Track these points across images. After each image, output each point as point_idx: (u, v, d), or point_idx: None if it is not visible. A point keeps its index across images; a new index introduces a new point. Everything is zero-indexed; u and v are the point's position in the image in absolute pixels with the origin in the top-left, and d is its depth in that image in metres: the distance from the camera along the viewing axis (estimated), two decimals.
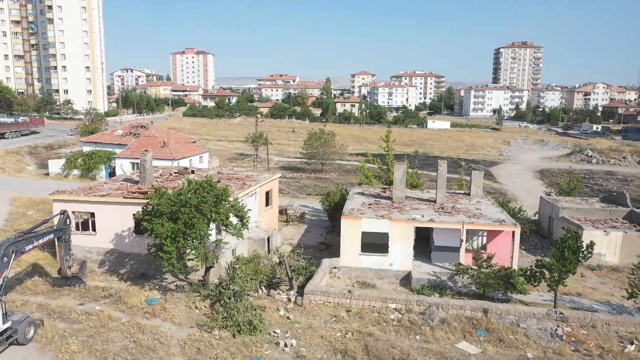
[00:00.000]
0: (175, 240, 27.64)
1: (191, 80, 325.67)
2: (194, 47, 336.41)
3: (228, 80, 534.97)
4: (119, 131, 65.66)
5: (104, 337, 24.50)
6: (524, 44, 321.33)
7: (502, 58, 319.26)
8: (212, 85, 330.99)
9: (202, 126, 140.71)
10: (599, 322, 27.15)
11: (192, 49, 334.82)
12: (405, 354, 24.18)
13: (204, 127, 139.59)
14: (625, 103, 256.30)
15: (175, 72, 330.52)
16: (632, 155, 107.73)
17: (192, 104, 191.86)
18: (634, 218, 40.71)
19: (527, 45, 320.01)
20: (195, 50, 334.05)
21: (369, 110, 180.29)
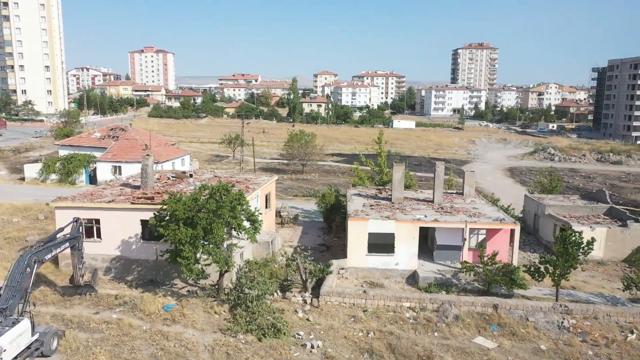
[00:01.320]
0: (193, 246, 27.59)
1: (150, 79, 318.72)
2: (153, 46, 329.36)
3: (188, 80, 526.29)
4: (97, 134, 64.05)
5: (129, 346, 24.27)
6: (480, 45, 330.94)
7: (460, 59, 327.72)
8: (172, 84, 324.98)
9: (170, 127, 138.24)
10: (600, 313, 28.88)
11: (151, 47, 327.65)
12: (427, 351, 25.06)
13: (172, 128, 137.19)
14: (576, 102, 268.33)
15: (134, 72, 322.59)
16: (591, 153, 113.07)
17: (156, 104, 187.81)
18: (613, 214, 43.16)
19: (484, 47, 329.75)
20: (155, 49, 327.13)
21: (335, 110, 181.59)
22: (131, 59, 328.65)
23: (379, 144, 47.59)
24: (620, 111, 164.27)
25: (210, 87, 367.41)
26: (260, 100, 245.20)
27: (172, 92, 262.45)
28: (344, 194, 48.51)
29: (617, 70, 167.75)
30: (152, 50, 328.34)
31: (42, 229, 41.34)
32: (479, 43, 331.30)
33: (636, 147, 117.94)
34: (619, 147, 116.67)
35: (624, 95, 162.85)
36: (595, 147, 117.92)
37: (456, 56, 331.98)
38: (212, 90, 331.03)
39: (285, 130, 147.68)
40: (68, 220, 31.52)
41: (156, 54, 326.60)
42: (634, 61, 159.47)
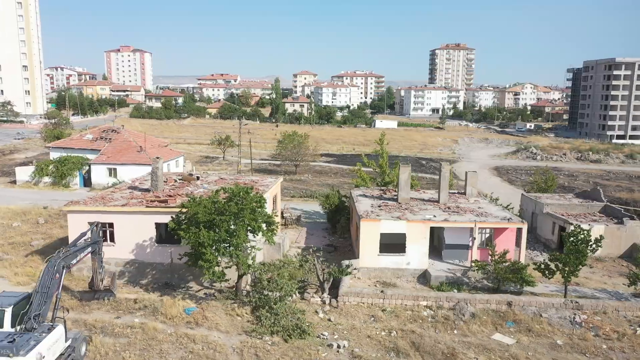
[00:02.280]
0: (215, 249, 27.68)
1: (128, 79, 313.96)
2: (130, 45, 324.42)
3: (166, 79, 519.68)
4: (89, 135, 63.13)
5: (157, 350, 24.27)
6: (457, 46, 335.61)
7: (437, 59, 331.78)
8: (150, 84, 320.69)
9: (153, 128, 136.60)
10: (609, 308, 29.96)
11: (127, 46, 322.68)
12: (450, 349, 25.69)
13: (155, 129, 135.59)
14: (551, 102, 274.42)
15: (111, 71, 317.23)
16: (571, 152, 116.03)
17: (137, 104, 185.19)
18: (608, 211, 44.64)
19: (461, 47, 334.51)
20: (132, 48, 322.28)
21: (318, 111, 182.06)
22: (107, 58, 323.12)
23: (380, 145, 48.11)
24: (595, 111, 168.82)
25: (188, 87, 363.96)
26: (240, 101, 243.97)
27: (151, 92, 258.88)
28: (344, 195, 49.03)
29: (592, 71, 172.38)
30: (129, 49, 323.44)
31: (45, 234, 40.72)
32: (456, 44, 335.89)
33: (613, 146, 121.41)
34: (598, 146, 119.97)
35: (599, 96, 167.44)
36: (575, 146, 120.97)
37: (434, 56, 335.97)
38: (191, 90, 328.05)
39: (270, 130, 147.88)
40: (81, 224, 31.43)
41: (133, 53, 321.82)
42: (608, 62, 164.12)
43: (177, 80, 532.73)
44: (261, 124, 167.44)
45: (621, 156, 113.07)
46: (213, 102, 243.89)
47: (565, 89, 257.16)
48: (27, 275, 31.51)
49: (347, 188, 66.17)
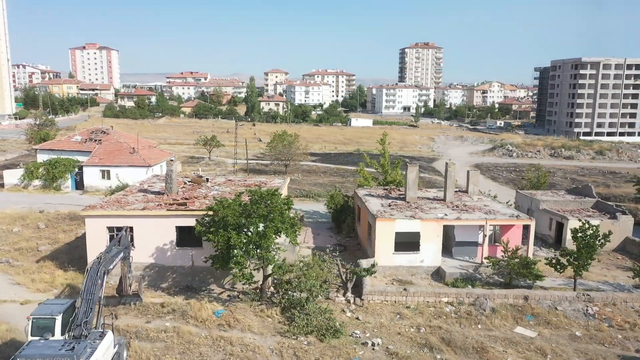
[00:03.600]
0: (246, 251, 27.85)
1: (94, 77, 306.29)
2: (96, 42, 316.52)
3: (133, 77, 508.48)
4: (77, 137, 61.72)
5: (196, 353, 24.35)
6: (426, 45, 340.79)
7: (407, 58, 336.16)
8: (117, 82, 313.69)
9: (129, 128, 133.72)
10: (618, 300, 31.55)
11: (93, 44, 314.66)
12: (479, 343, 26.65)
13: (131, 129, 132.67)
14: (517, 100, 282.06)
15: (76, 69, 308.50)
16: (545, 149, 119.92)
17: (109, 104, 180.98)
18: (600, 207, 46.68)
19: (429, 46, 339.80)
20: (98, 45, 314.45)
21: (294, 109, 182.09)
22: (72, 56, 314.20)
23: (382, 145, 48.90)
24: (563, 109, 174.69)
25: (156, 85, 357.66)
26: (212, 99, 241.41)
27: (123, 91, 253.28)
28: (345, 195, 49.66)
29: (560, 70, 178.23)
30: (95, 46, 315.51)
31: (49, 238, 39.87)
32: (425, 43, 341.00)
33: (583, 143, 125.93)
34: (569, 143, 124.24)
35: (566, 94, 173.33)
36: (548, 143, 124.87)
37: (403, 55, 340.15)
38: (159, 88, 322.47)
39: (248, 130, 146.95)
40: (99, 229, 31.17)
41: (99, 51, 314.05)
42: (574, 62, 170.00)
43: (145, 78, 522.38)
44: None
45: (591, 152, 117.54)
46: (184, 100, 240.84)
47: (533, 88, 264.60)
48: (45, 282, 30.93)
49: (340, 187, 66.89)
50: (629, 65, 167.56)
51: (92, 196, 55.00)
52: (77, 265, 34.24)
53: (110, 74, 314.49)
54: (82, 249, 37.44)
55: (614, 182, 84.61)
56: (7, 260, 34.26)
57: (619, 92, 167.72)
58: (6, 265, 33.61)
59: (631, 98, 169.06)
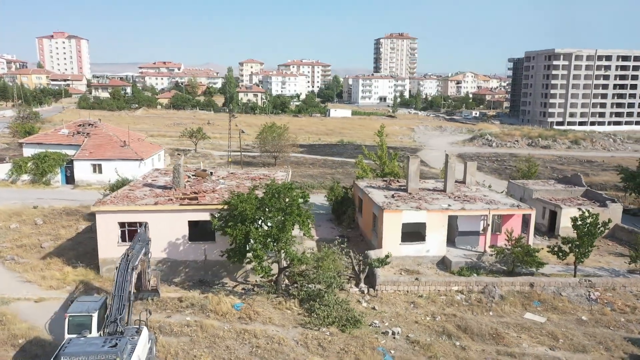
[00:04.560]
0: (264, 245, 28.09)
1: (63, 67, 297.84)
2: (64, 31, 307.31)
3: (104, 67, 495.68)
4: (65, 130, 60.37)
5: (223, 347, 24.56)
6: (400, 35, 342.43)
7: (382, 48, 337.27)
8: (88, 72, 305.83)
9: (106, 120, 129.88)
10: (617, 285, 33.00)
11: (62, 33, 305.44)
12: (494, 330, 27.61)
13: (109, 120, 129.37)
14: (491, 90, 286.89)
15: (44, 59, 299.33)
16: (522, 139, 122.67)
17: (83, 95, 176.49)
18: (590, 196, 48.37)
19: (404, 37, 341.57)
20: (66, 34, 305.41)
21: (273, 100, 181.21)
22: (40, 45, 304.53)
23: (380, 137, 49.45)
24: (536, 99, 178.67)
25: (128, 75, 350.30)
26: (187, 90, 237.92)
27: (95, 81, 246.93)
28: (344, 186, 50.13)
29: (533, 61, 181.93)
30: (63, 35, 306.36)
31: (50, 234, 39.22)
32: (400, 33, 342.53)
33: (559, 133, 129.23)
34: (545, 133, 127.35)
35: (540, 85, 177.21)
36: (525, 132, 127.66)
37: (378, 46, 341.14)
38: (131, 78, 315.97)
39: (227, 121, 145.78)
40: (111, 224, 30.99)
41: (68, 40, 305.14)
42: (547, 53, 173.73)
43: (115, 68, 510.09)
44: (216, 114, 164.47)
45: (567, 142, 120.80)
46: (157, 91, 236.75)
47: (505, 78, 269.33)
48: (57, 279, 30.54)
49: (331, 179, 67.38)
50: (599, 56, 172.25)
51: (83, 191, 54.15)
52: (85, 261, 33.89)
53: (80, 64, 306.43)
54: (86, 245, 37.14)
55: (592, 170, 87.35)
56: (12, 257, 33.62)
57: (590, 82, 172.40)
58: (12, 263, 32.99)
59: (601, 88, 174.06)
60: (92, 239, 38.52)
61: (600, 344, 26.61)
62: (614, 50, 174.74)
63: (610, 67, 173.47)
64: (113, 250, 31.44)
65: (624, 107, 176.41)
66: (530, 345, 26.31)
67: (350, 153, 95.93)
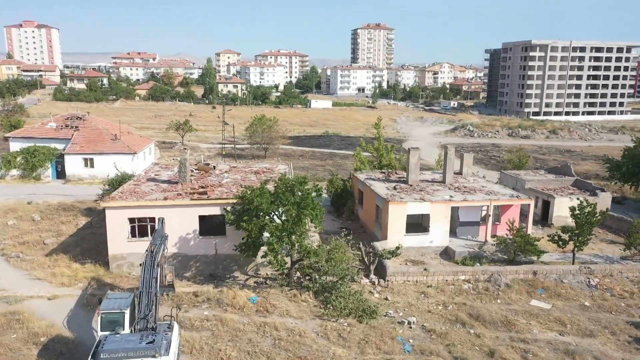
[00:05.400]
0: (279, 238, 28.34)
1: (34, 57, 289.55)
2: (34, 20, 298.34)
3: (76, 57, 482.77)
4: (52, 124, 59.11)
5: (245, 340, 24.79)
6: (377, 26, 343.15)
7: (359, 39, 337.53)
8: (59, 62, 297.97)
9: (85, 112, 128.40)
10: (614, 271, 34.34)
11: (31, 22, 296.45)
12: (504, 317, 28.54)
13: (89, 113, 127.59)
14: (467, 81, 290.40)
15: (13, 49, 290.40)
16: (503, 129, 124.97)
17: (58, 86, 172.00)
18: (579, 185, 49.88)
19: (381, 27, 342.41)
20: (36, 23, 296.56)
21: (253, 91, 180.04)
22: (8, 35, 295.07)
23: (377, 130, 49.92)
24: (514, 89, 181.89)
25: (100, 66, 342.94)
26: (163, 81, 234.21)
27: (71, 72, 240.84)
28: (342, 179, 50.53)
29: (510, 52, 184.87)
30: (33, 24, 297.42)
31: (51, 231, 38.65)
32: (377, 24, 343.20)
33: (538, 123, 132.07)
34: (525, 123, 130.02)
35: (517, 75, 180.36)
36: (505, 123, 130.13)
37: (355, 36, 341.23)
38: (106, 69, 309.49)
39: (210, 112, 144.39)
40: (120, 220, 30.91)
41: (38, 29, 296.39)
42: (524, 44, 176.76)
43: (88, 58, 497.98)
44: (196, 105, 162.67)
45: (545, 132, 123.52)
46: (132, 82, 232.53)
47: (481, 69, 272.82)
48: (67, 276, 30.23)
49: (322, 171, 67.80)
50: (574, 47, 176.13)
51: (75, 185, 53.35)
52: (91, 257, 33.63)
53: (51, 54, 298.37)
54: (89, 241, 36.79)
55: (572, 160, 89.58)
56: (17, 254, 33.10)
57: (565, 73, 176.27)
58: (18, 261, 32.48)
59: (576, 79, 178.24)
60: (93, 234, 38.32)
61: (605, 328, 27.77)
62: (587, 41, 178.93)
63: (584, 58, 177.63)
64: (123, 246, 31.33)
65: (597, 97, 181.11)
66: (540, 331, 27.31)
67: (337, 144, 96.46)
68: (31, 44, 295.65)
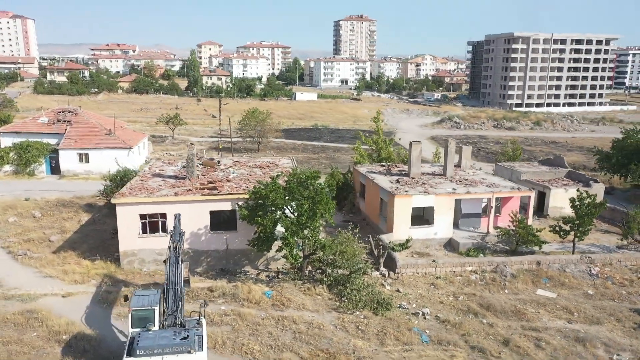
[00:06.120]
0: (294, 233, 28.61)
1: (9, 49, 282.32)
2: (8, 11, 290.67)
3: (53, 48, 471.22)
4: (44, 118, 58.12)
5: (266, 334, 25.06)
6: (360, 17, 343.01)
7: (341, 30, 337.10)
8: (36, 54, 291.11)
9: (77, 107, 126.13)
10: (613, 260, 35.44)
11: (5, 12, 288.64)
12: (513, 306, 29.31)
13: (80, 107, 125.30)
14: (449, 73, 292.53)
15: None
16: (488, 120, 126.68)
17: (38, 79, 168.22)
18: (572, 176, 51.09)
19: (363, 19, 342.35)
20: (11, 13, 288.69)
21: (238, 84, 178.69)
22: None
23: (376, 123, 50.29)
24: (497, 81, 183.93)
25: (78, 57, 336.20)
26: (144, 73, 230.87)
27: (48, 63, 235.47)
28: (341, 172, 50.86)
29: (493, 44, 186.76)
30: (7, 15, 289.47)
31: (54, 227, 38.22)
32: (359, 15, 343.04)
33: (522, 115, 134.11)
34: (509, 115, 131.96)
35: (499, 68, 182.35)
36: (490, 115, 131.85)
37: (338, 28, 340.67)
38: (83, 60, 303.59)
39: (195, 106, 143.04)
40: (131, 216, 30.83)
41: (13, 20, 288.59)
42: (507, 37, 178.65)
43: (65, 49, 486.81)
44: (180, 98, 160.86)
45: (530, 123, 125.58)
46: (112, 74, 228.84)
47: (463, 61, 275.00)
48: (79, 273, 30.04)
49: (316, 164, 68.00)
50: (555, 40, 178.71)
51: (71, 181, 52.67)
52: (99, 253, 33.43)
53: (27, 46, 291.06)
54: (95, 237, 36.55)
55: (558, 151, 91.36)
56: (25, 252, 32.74)
57: (547, 65, 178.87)
58: (26, 258, 32.14)
59: (557, 71, 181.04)
60: (98, 231, 38.07)
61: (610, 315, 28.75)
62: (568, 34, 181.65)
63: (565, 51, 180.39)
64: (134, 243, 31.25)
65: (577, 89, 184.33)
66: (549, 319, 28.16)
67: (328, 137, 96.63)
68: (6, 35, 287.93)
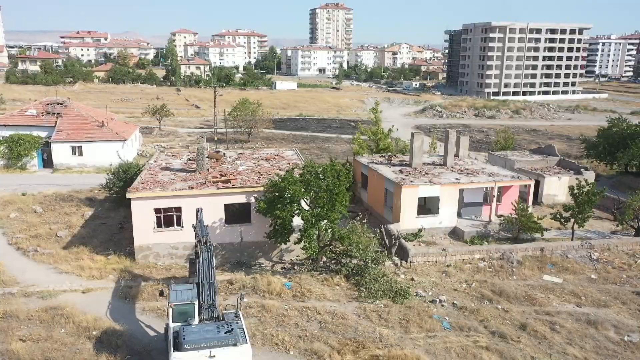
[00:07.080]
0: (313, 225, 28.99)
1: None
2: None
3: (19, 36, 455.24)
4: (32, 111, 56.76)
5: (292, 325, 25.46)
6: (336, 6, 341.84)
7: (318, 18, 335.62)
8: (2, 42, 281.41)
9: (44, 96, 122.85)
10: (611, 245, 36.93)
11: None
12: (522, 292, 30.38)
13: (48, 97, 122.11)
14: (426, 62, 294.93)
15: None
16: (469, 109, 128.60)
17: (9, 69, 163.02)
18: (564, 164, 52.70)
19: (339, 7, 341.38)
20: None
21: (217, 73, 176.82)
22: None
23: (375, 114, 50.76)
24: (474, 70, 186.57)
25: (46, 45, 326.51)
26: (117, 62, 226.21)
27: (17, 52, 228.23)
28: (341, 162, 51.23)
29: (471, 33, 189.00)
30: None
31: (60, 223, 37.74)
32: (335, 3, 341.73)
33: (501, 103, 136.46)
34: (489, 103, 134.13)
35: (477, 57, 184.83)
36: (471, 103, 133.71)
37: (314, 16, 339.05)
38: (53, 48, 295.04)
39: (176, 96, 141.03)
40: (146, 211, 30.77)
41: None
42: (484, 26, 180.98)
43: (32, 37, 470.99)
44: (158, 87, 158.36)
45: (509, 112, 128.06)
46: (84, 63, 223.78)
47: (439, 49, 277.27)
48: (96, 268, 29.84)
49: (309, 155, 68.15)
50: (531, 29, 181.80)
51: (65, 174, 51.83)
52: (111, 248, 33.23)
53: None
54: (103, 232, 36.30)
55: (540, 139, 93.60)
56: (35, 248, 32.29)
57: (523, 54, 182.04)
58: (38, 255, 31.71)
59: (532, 60, 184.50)
60: (105, 225, 37.76)
61: (616, 299, 30.07)
62: (543, 23, 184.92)
63: (540, 40, 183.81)
64: (149, 237, 31.18)
65: (552, 77, 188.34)
66: (559, 304, 29.31)
67: (315, 127, 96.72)
68: None
